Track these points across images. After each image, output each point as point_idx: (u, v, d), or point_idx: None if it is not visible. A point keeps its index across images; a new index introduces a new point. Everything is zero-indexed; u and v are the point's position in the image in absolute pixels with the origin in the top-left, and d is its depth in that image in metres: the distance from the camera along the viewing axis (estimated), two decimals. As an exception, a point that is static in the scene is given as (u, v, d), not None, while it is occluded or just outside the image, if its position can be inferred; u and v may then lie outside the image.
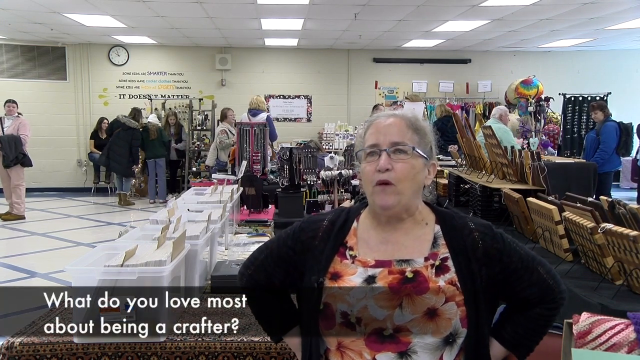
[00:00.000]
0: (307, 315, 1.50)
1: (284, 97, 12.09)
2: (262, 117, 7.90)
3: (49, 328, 1.98)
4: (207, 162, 8.94)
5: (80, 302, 1.84)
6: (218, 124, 11.66)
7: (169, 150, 10.82)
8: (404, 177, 1.46)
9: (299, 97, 12.16)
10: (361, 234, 1.55)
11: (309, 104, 12.21)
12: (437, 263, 1.47)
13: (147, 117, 10.89)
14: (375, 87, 12.16)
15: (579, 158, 7.76)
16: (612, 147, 7.01)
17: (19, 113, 9.15)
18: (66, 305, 2.21)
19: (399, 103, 10.96)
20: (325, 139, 10.43)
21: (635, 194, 8.96)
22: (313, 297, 1.48)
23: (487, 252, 1.47)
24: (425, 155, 1.50)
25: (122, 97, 11.84)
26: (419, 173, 1.49)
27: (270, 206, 5.02)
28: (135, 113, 10.42)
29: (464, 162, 5.61)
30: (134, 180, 10.98)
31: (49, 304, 1.75)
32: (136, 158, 10.23)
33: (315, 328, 1.46)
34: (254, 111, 8.23)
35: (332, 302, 1.45)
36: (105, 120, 10.98)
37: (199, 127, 11.51)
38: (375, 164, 1.46)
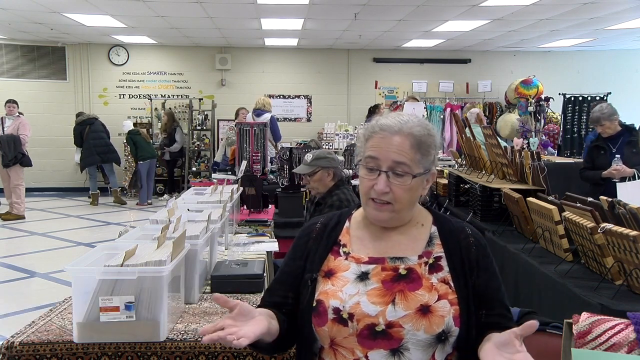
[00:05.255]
0: (301, 313, 1.50)
1: (284, 97, 12.10)
2: (265, 118, 7.92)
3: (49, 328, 1.98)
4: (216, 158, 8.99)
5: (80, 302, 1.85)
6: (218, 124, 11.71)
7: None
8: (400, 199, 1.46)
9: (299, 97, 12.17)
10: (354, 232, 1.56)
11: (309, 104, 12.21)
12: (430, 261, 1.49)
13: (124, 124, 10.89)
14: (375, 87, 12.17)
15: (579, 158, 7.76)
16: None
17: (19, 113, 9.16)
18: (66, 305, 2.22)
19: (399, 103, 10.97)
20: (325, 139, 10.43)
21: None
22: (307, 294, 1.49)
23: (478, 260, 1.50)
24: (424, 172, 1.49)
25: (122, 97, 11.85)
26: (416, 190, 1.49)
27: (270, 206, 5.03)
28: (81, 113, 10.69)
29: (464, 162, 5.61)
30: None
31: (49, 303, 1.75)
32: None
33: (309, 326, 1.47)
34: (258, 111, 8.27)
35: (325, 299, 1.45)
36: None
37: (199, 127, 11.52)
38: (372, 181, 1.46)
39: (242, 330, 1.27)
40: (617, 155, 4.84)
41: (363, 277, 1.46)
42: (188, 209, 3.20)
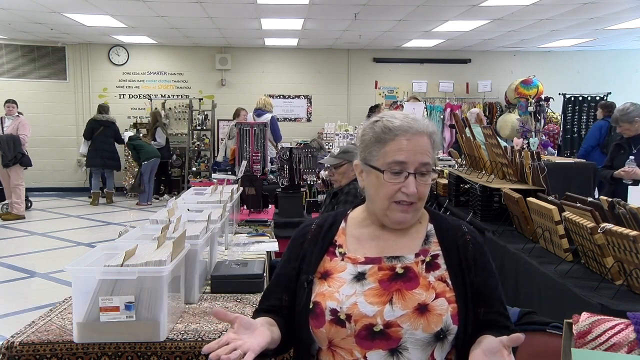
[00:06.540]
0: (298, 315, 1.50)
1: (284, 97, 12.10)
2: (266, 118, 7.92)
3: (49, 328, 1.98)
4: (217, 158, 8.98)
5: (80, 302, 1.85)
6: (218, 124, 11.71)
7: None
8: (424, 196, 1.49)
9: (299, 97, 12.17)
10: (351, 232, 1.56)
11: (309, 104, 12.21)
12: (427, 259, 1.49)
13: (125, 134, 10.92)
14: (375, 87, 12.17)
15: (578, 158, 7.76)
16: (590, 145, 7.10)
17: (19, 113, 9.16)
18: (66, 305, 2.22)
19: (399, 103, 10.97)
20: (325, 139, 10.43)
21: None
22: (303, 296, 1.49)
23: (475, 258, 1.50)
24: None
25: (122, 97, 11.85)
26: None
27: (270, 206, 5.03)
28: (106, 109, 10.61)
29: (464, 162, 5.61)
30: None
31: (49, 303, 1.75)
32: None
33: (306, 328, 1.46)
34: (259, 111, 8.27)
35: (322, 301, 1.45)
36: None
37: (199, 127, 11.51)
38: (398, 185, 1.45)
39: (247, 344, 1.27)
40: (631, 157, 4.58)
41: (359, 277, 1.46)
42: (188, 209, 3.20)
